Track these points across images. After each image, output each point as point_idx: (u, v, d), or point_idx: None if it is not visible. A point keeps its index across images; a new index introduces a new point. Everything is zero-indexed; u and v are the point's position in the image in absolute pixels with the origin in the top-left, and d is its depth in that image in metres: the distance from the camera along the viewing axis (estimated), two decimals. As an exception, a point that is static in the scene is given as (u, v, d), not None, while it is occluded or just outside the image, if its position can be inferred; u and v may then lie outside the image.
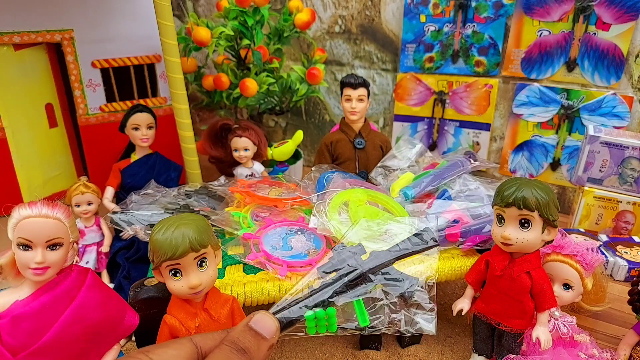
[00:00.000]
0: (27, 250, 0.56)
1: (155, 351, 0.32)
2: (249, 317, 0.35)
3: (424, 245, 0.43)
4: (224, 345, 0.33)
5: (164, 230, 0.55)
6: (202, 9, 1.67)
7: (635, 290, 0.75)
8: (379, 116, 1.53)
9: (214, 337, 0.35)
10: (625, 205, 1.11)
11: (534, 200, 0.63)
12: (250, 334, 0.34)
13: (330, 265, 0.41)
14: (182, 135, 1.14)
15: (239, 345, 0.33)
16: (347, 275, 0.40)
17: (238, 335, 0.33)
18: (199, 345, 0.34)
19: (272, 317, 0.35)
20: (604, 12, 1.14)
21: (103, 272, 1.02)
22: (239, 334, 0.33)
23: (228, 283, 0.72)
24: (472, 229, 0.80)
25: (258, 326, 0.34)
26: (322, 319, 0.38)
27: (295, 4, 1.28)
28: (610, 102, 1.19)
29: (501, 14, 1.26)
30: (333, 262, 0.41)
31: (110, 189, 1.11)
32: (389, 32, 1.42)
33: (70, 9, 1.20)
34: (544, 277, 0.69)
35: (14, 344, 0.55)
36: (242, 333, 0.34)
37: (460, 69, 1.35)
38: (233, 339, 0.33)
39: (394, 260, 0.42)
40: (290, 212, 0.87)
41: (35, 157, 1.29)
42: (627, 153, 1.08)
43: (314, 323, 0.38)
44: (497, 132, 1.38)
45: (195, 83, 1.36)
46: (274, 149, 1.21)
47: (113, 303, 0.62)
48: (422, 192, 0.92)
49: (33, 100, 1.26)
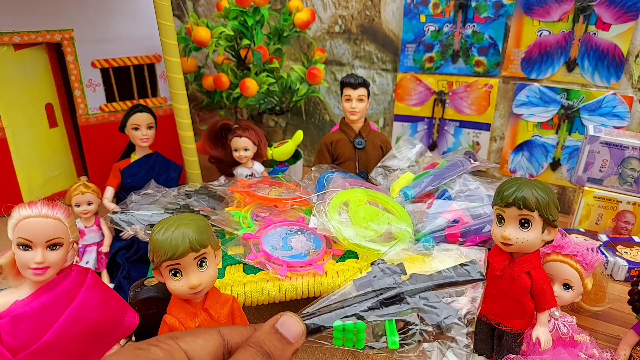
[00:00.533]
0: (27, 250, 0.56)
1: (185, 339, 0.33)
2: (275, 318, 0.34)
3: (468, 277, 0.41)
4: (249, 347, 0.32)
5: (164, 230, 0.55)
6: (202, 9, 1.67)
7: (635, 290, 0.75)
8: (379, 116, 1.53)
9: (241, 332, 0.35)
10: (625, 205, 1.11)
11: (534, 200, 0.63)
12: (275, 337, 0.33)
13: (367, 280, 0.40)
14: (182, 135, 1.14)
15: (263, 348, 0.32)
16: (384, 293, 0.39)
17: (264, 337, 0.33)
18: (226, 339, 0.34)
19: (300, 321, 0.35)
20: (604, 12, 1.14)
21: (103, 272, 1.02)
22: (265, 335, 0.33)
23: (228, 283, 0.72)
24: (472, 229, 0.80)
25: (284, 329, 0.34)
26: (351, 332, 0.37)
27: (295, 3, 1.28)
28: (610, 102, 1.19)
29: (501, 14, 1.26)
30: (370, 277, 0.40)
31: (110, 189, 1.11)
32: (389, 32, 1.42)
33: (70, 9, 1.20)
34: (544, 277, 0.69)
35: (14, 344, 0.55)
36: (268, 335, 0.33)
37: (460, 69, 1.35)
38: (258, 340, 0.33)
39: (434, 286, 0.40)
40: (290, 212, 0.87)
41: (35, 157, 1.29)
42: (627, 153, 1.08)
43: (342, 335, 0.37)
44: (497, 132, 1.38)
45: (195, 83, 1.37)
46: (274, 149, 1.21)
47: (113, 303, 0.62)
48: (422, 192, 0.92)
49: (33, 100, 1.26)
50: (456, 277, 0.41)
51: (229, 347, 0.34)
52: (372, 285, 0.39)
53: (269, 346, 0.33)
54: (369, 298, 0.38)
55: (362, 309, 0.38)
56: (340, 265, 0.76)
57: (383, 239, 0.79)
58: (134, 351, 0.30)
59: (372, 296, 0.38)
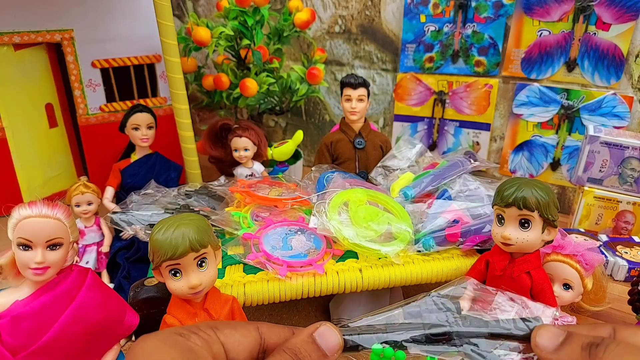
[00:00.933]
0: (27, 250, 0.56)
1: (224, 331, 0.32)
2: (314, 326, 0.33)
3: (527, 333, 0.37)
4: (284, 352, 0.32)
5: (164, 230, 0.55)
6: (202, 9, 1.67)
7: (635, 290, 0.75)
8: (379, 116, 1.53)
9: (279, 333, 0.34)
10: (625, 205, 1.11)
11: (534, 200, 0.63)
12: (312, 347, 0.32)
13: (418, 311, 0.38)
14: (182, 135, 1.14)
15: (298, 357, 0.32)
16: (432, 328, 0.36)
17: (300, 345, 0.32)
18: (264, 337, 0.34)
19: (339, 335, 0.34)
20: (604, 12, 1.14)
21: (103, 272, 1.02)
22: (301, 343, 0.32)
23: (228, 283, 0.72)
24: (472, 229, 0.80)
25: (322, 339, 0.33)
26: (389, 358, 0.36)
27: (295, 3, 1.28)
28: (610, 102, 1.19)
29: (501, 14, 1.26)
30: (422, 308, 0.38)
31: (110, 189, 1.11)
32: (389, 32, 1.42)
33: (70, 9, 1.20)
34: (544, 277, 0.69)
35: (14, 344, 0.55)
36: (305, 344, 0.32)
37: (460, 69, 1.35)
38: (294, 348, 0.32)
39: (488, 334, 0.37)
40: (290, 212, 0.87)
41: (35, 157, 1.29)
42: (627, 153, 1.08)
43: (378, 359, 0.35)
44: (497, 132, 1.38)
45: (195, 83, 1.37)
46: (274, 149, 1.21)
47: (113, 303, 0.62)
48: (422, 192, 0.92)
49: (33, 100, 1.26)
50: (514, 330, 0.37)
51: (264, 346, 0.33)
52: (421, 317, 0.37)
53: (304, 355, 0.32)
54: (415, 329, 0.36)
55: (406, 339, 0.36)
56: (340, 265, 0.76)
57: (383, 239, 0.79)
58: (174, 336, 0.30)
59: (419, 327, 0.36)
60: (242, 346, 0.32)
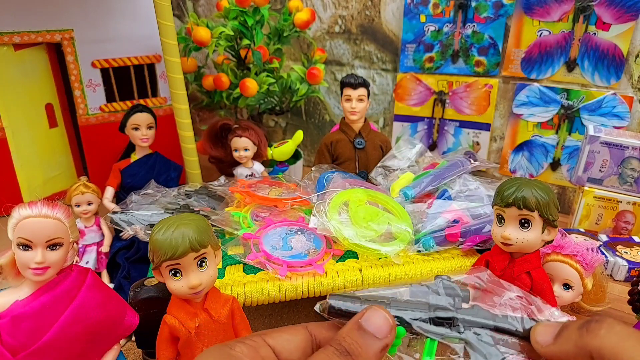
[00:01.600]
0: (27, 250, 0.56)
1: (272, 334, 0.33)
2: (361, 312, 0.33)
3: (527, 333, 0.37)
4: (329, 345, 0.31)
5: (164, 230, 0.55)
6: (202, 9, 1.67)
7: (635, 290, 0.75)
8: (379, 116, 1.53)
9: (328, 328, 0.34)
10: (625, 205, 1.11)
11: (534, 200, 0.63)
12: (358, 333, 0.31)
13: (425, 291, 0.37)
14: (182, 135, 1.14)
15: (343, 346, 0.31)
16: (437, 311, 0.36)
17: (345, 334, 0.31)
18: (314, 334, 0.33)
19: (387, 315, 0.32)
20: (604, 12, 1.14)
21: (103, 272, 1.02)
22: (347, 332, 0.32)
23: (228, 283, 0.72)
24: (472, 229, 0.80)
25: (369, 324, 0.32)
26: None
27: (295, 3, 1.28)
28: (610, 102, 1.19)
29: (501, 14, 1.26)
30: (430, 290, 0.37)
31: (110, 189, 1.11)
32: (389, 32, 1.42)
33: (70, 9, 1.20)
34: (544, 277, 0.69)
35: (14, 344, 0.55)
36: (350, 332, 0.32)
37: (460, 69, 1.35)
38: (339, 339, 0.31)
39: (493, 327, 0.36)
40: (290, 212, 0.87)
41: (35, 157, 1.29)
42: (627, 153, 1.08)
43: None
44: (497, 132, 1.38)
45: (195, 83, 1.37)
46: (274, 149, 1.21)
47: (113, 303, 0.62)
48: (422, 192, 0.92)
49: (33, 100, 1.26)
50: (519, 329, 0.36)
51: (317, 342, 0.33)
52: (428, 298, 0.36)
53: (349, 343, 0.31)
54: (420, 309, 0.36)
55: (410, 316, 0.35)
56: (340, 265, 0.76)
57: (383, 239, 0.79)
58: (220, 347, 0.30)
59: (424, 309, 0.36)
60: (292, 344, 0.32)
